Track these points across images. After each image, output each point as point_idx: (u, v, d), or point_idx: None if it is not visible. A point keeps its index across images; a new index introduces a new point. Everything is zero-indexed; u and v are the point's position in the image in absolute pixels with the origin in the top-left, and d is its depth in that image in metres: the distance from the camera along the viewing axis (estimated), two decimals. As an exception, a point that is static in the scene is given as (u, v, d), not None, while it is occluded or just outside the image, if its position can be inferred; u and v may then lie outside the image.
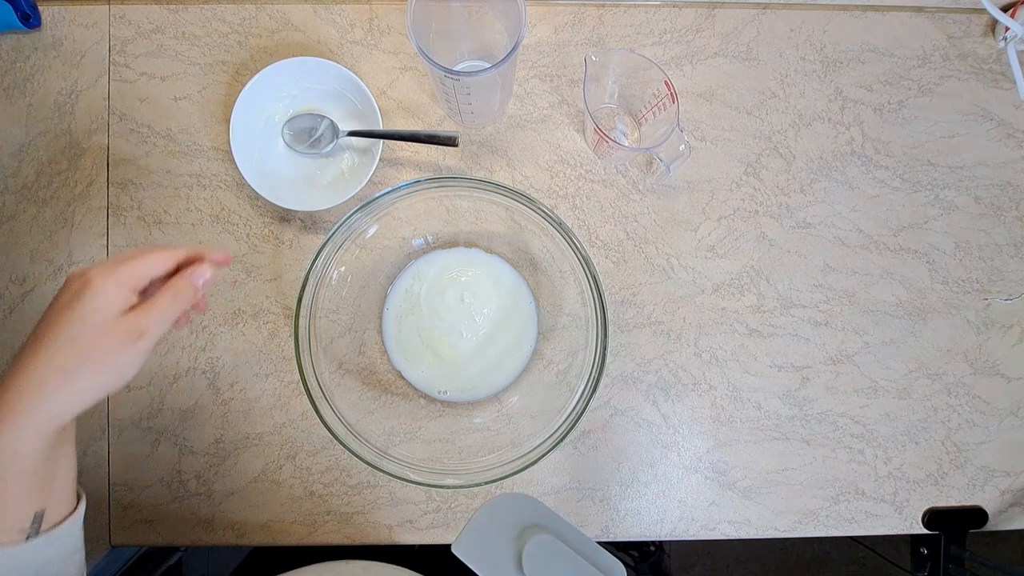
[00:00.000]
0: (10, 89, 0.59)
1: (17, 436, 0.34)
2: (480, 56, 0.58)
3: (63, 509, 0.38)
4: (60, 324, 0.35)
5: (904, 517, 0.60)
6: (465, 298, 0.58)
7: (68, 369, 0.35)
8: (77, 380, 0.35)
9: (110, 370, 0.36)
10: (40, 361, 0.35)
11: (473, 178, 0.50)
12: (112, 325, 0.35)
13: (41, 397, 0.34)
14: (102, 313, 0.35)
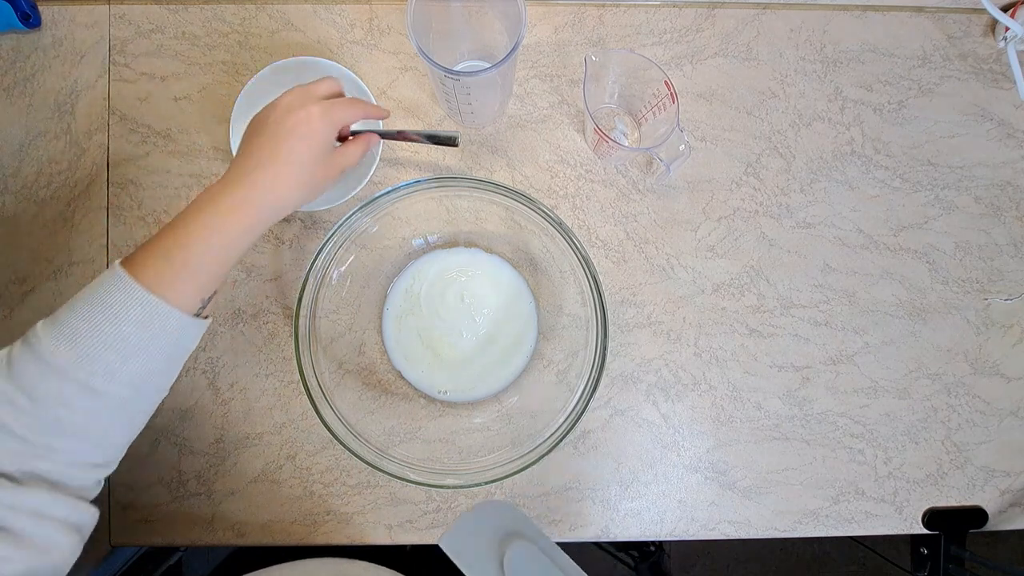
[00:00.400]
0: (10, 89, 0.59)
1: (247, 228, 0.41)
2: (480, 56, 0.58)
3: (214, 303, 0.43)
4: (292, 145, 0.42)
5: (904, 517, 0.60)
6: (465, 298, 0.58)
7: (301, 183, 0.42)
8: (300, 194, 0.43)
9: (314, 191, 0.44)
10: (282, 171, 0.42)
11: (473, 178, 0.50)
12: (327, 159, 0.44)
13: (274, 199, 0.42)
14: (322, 147, 0.43)
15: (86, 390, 0.36)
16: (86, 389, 0.36)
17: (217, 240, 0.39)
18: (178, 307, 0.38)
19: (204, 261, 0.39)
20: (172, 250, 0.38)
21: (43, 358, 0.35)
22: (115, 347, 0.36)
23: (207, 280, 0.40)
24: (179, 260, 0.38)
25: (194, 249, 0.39)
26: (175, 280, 0.38)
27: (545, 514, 0.58)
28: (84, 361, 0.35)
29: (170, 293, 0.38)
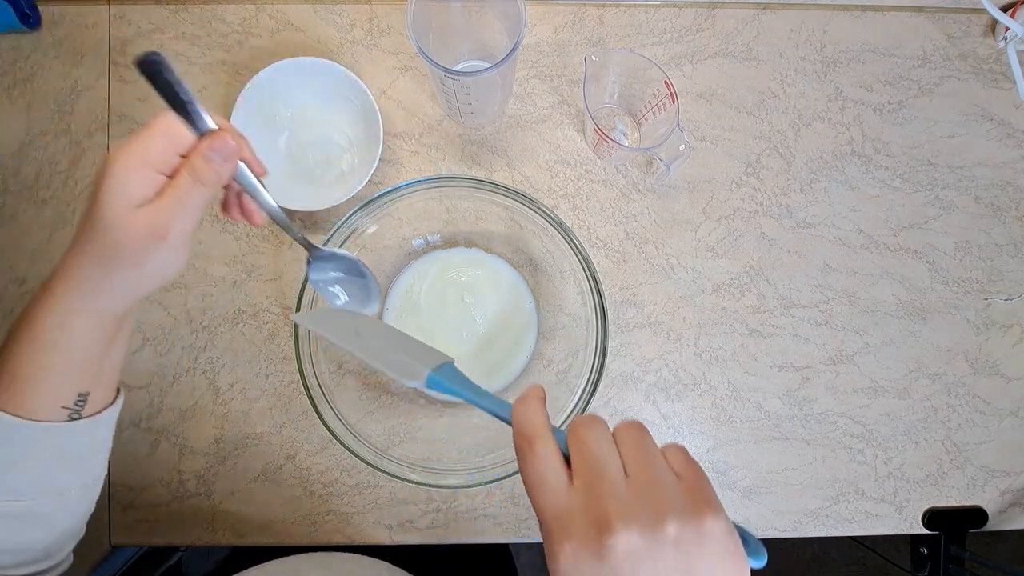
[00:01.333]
0: (10, 89, 0.59)
1: (63, 318, 0.33)
2: (480, 56, 0.58)
3: (105, 398, 0.38)
4: (89, 210, 0.32)
5: (904, 517, 0.60)
6: (465, 298, 0.58)
7: (102, 261, 0.32)
8: (113, 274, 0.33)
9: (142, 269, 0.33)
10: (78, 248, 0.33)
11: (473, 178, 0.50)
12: (131, 220, 0.31)
13: (82, 285, 0.33)
14: (119, 205, 0.31)
15: None
16: None
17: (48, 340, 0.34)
18: (42, 419, 0.34)
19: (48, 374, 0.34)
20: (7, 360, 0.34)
21: None
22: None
23: (61, 390, 0.35)
24: (11, 372, 0.34)
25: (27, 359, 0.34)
26: (26, 396, 0.34)
27: (545, 514, 0.58)
28: None
29: (26, 409, 0.34)
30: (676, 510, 0.25)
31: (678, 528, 0.25)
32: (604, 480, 0.26)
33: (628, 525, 0.24)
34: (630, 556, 0.24)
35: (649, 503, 0.25)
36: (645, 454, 0.27)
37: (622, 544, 0.24)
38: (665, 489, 0.26)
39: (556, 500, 0.26)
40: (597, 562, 0.24)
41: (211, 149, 0.32)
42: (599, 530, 0.24)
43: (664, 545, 0.24)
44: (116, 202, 0.31)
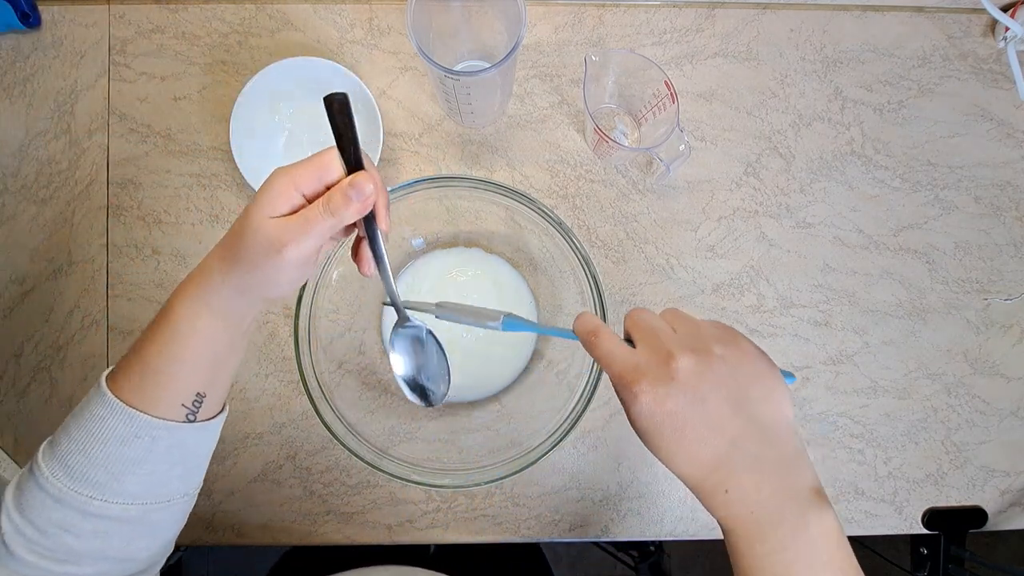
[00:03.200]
0: (10, 89, 0.59)
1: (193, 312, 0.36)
2: (480, 56, 0.58)
3: (215, 407, 0.39)
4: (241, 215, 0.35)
5: (904, 517, 0.60)
6: (465, 298, 0.58)
7: (229, 262, 0.35)
8: (233, 276, 0.35)
9: (260, 275, 0.35)
10: (217, 247, 0.36)
11: (473, 178, 0.50)
12: (262, 227, 0.33)
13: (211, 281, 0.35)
14: (260, 213, 0.34)
15: (86, 515, 0.35)
16: (86, 514, 0.34)
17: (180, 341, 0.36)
18: (163, 417, 0.36)
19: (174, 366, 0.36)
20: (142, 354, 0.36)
21: (42, 487, 0.34)
22: (105, 466, 0.35)
23: (184, 385, 0.36)
24: (144, 363, 0.36)
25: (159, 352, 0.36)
26: (152, 388, 0.36)
27: (545, 514, 0.58)
28: (78, 484, 0.34)
29: (150, 403, 0.35)
30: (718, 340, 0.33)
31: (722, 348, 0.33)
32: (660, 334, 0.34)
33: (685, 353, 0.32)
34: (691, 373, 0.32)
35: (696, 339, 0.33)
36: (686, 317, 0.35)
37: (684, 365, 0.32)
38: (707, 331, 0.34)
39: (626, 360, 0.33)
40: (668, 384, 0.31)
41: (351, 186, 0.34)
42: (665, 362, 0.32)
43: (714, 360, 0.32)
44: (259, 210, 0.34)
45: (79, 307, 0.58)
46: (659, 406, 0.31)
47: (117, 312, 0.58)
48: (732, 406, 0.32)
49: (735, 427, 0.32)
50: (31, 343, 0.58)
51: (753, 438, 0.32)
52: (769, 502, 0.31)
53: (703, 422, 0.31)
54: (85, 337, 0.58)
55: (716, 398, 0.32)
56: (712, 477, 0.32)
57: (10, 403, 0.57)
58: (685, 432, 0.31)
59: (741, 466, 0.31)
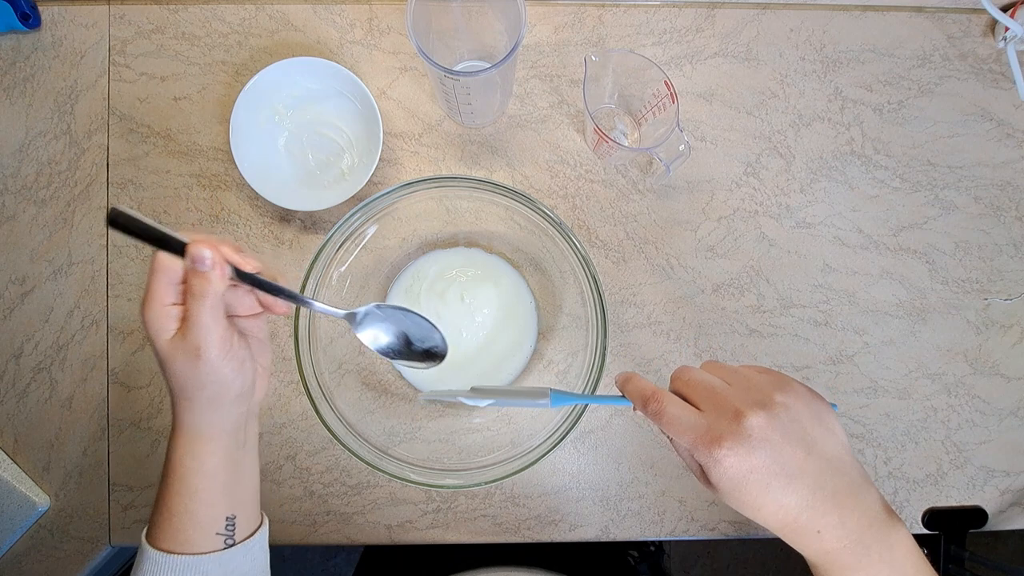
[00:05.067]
0: (10, 89, 0.59)
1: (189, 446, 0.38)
2: (480, 56, 0.58)
3: (252, 523, 0.42)
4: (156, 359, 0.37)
5: (904, 517, 0.60)
6: (465, 298, 0.58)
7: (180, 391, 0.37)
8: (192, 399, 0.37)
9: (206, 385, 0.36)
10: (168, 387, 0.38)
11: (473, 178, 0.50)
12: (170, 351, 0.36)
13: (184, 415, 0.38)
14: (162, 343, 0.36)
15: None
16: None
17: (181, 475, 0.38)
18: (204, 551, 0.38)
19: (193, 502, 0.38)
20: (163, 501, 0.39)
21: None
22: None
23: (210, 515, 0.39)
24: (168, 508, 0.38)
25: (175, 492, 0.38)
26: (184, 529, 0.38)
27: (545, 514, 0.58)
28: None
29: (187, 543, 0.38)
30: (773, 388, 0.35)
31: (781, 396, 0.34)
32: (718, 394, 0.35)
33: (753, 409, 0.33)
34: (764, 427, 0.33)
35: (754, 392, 0.35)
36: (731, 370, 0.37)
37: (756, 422, 0.33)
38: (760, 381, 0.36)
39: (698, 424, 0.34)
40: (747, 443, 0.33)
41: (192, 262, 0.35)
42: (737, 421, 0.33)
43: (779, 409, 0.34)
44: (157, 343, 0.36)
45: (79, 307, 0.58)
46: (742, 465, 0.33)
47: (117, 312, 0.58)
48: (804, 449, 0.33)
49: (812, 469, 0.33)
50: (31, 343, 0.58)
51: (828, 474, 0.33)
52: (855, 532, 0.33)
53: (784, 472, 0.33)
54: (85, 337, 0.58)
55: (790, 446, 0.33)
56: (801, 519, 0.33)
57: (10, 403, 0.57)
58: (771, 484, 0.33)
59: (825, 504, 0.33)
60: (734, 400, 0.34)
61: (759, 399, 0.34)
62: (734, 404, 0.34)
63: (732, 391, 0.35)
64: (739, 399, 0.34)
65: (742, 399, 0.34)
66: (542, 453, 0.49)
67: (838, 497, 0.33)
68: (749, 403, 0.34)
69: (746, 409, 0.33)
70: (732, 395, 0.35)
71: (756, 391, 0.35)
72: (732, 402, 0.34)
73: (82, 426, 0.57)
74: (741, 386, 0.35)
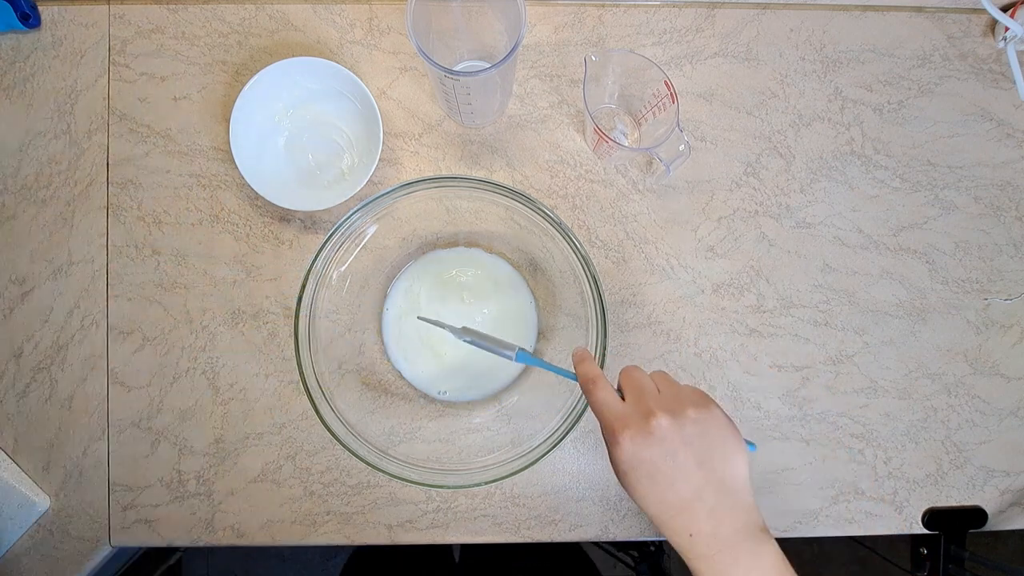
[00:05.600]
0: (10, 89, 0.59)
1: None
2: (480, 56, 0.58)
3: None
4: None
5: (904, 517, 0.60)
6: (465, 298, 0.58)
7: None
8: None
9: None
10: None
11: (473, 178, 0.50)
12: None
13: None
14: None
15: None
16: None
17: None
18: None
19: None
20: None
21: None
22: None
23: None
24: None
25: None
26: None
27: (545, 514, 0.58)
28: None
29: None
30: (692, 404, 0.39)
31: (695, 412, 0.38)
32: (646, 392, 0.39)
33: (664, 412, 0.38)
34: (667, 429, 0.37)
35: (674, 402, 0.39)
36: (671, 381, 0.41)
37: (661, 423, 0.37)
38: (686, 395, 0.40)
39: (615, 409, 0.39)
40: (647, 438, 0.37)
41: None
42: (646, 418, 0.38)
43: (687, 422, 0.38)
44: None
45: (79, 307, 0.58)
46: (637, 454, 0.37)
47: (117, 312, 0.58)
48: (697, 461, 0.37)
49: (698, 480, 0.37)
50: (31, 343, 0.58)
51: (713, 490, 0.37)
52: (727, 542, 0.36)
53: (672, 471, 0.37)
54: (85, 337, 0.58)
55: (685, 453, 0.37)
56: (678, 519, 0.37)
57: (10, 403, 0.57)
58: (656, 478, 0.37)
59: (702, 512, 0.37)
60: (653, 401, 0.39)
61: (674, 407, 0.38)
62: (652, 404, 0.38)
63: (658, 396, 0.39)
64: (658, 402, 0.39)
65: (660, 403, 0.39)
66: (542, 453, 0.49)
67: (717, 513, 0.36)
68: (664, 407, 0.38)
69: (659, 411, 0.38)
70: (655, 398, 0.39)
71: (676, 401, 0.39)
72: (651, 402, 0.39)
73: (82, 426, 0.57)
74: (668, 395, 0.40)
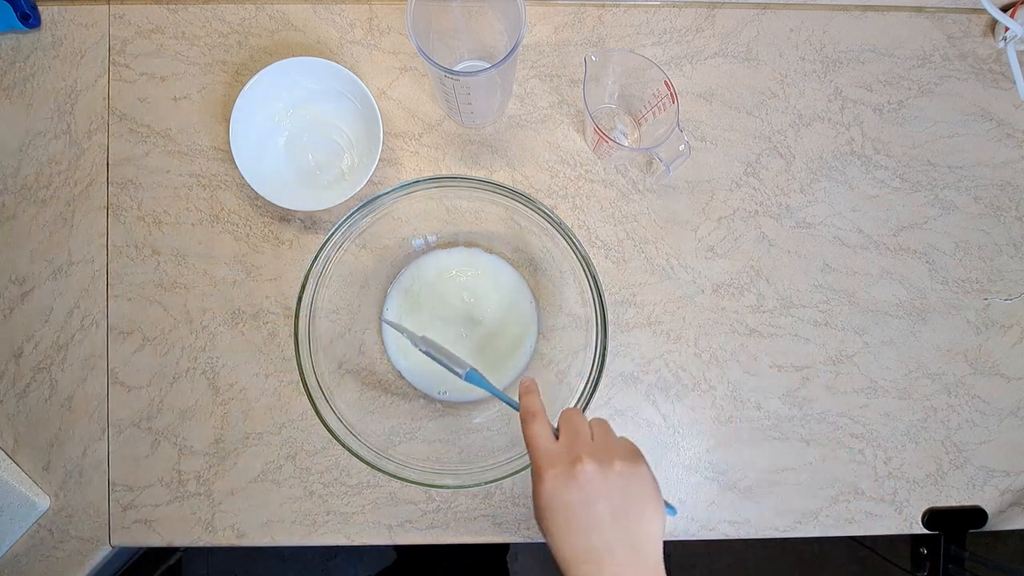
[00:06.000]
0: (10, 89, 0.59)
1: None
2: (480, 56, 0.58)
3: None
4: None
5: (904, 517, 0.60)
6: (465, 298, 0.58)
7: None
8: None
9: None
10: None
11: (473, 178, 0.50)
12: None
13: None
14: None
15: None
16: None
17: None
18: None
19: None
20: None
21: None
22: None
23: None
24: None
25: None
26: None
27: (545, 514, 0.58)
28: None
29: None
30: (620, 458, 0.40)
31: (622, 465, 0.39)
32: (580, 437, 0.41)
33: (591, 459, 0.39)
34: (588, 475, 0.38)
35: (606, 452, 0.40)
36: (607, 431, 0.42)
37: (587, 469, 0.38)
38: (617, 448, 0.41)
39: (547, 447, 0.40)
40: (570, 481, 0.38)
41: None
42: (573, 463, 0.39)
43: (612, 473, 0.39)
44: None
45: (79, 307, 0.58)
46: (557, 494, 0.38)
47: (117, 312, 0.58)
48: (613, 515, 0.38)
49: (612, 532, 0.37)
50: (31, 343, 0.58)
51: (624, 545, 0.37)
52: None
53: (587, 519, 0.38)
54: (85, 337, 0.58)
55: (603, 504, 0.38)
56: (584, 568, 0.37)
57: (10, 403, 0.57)
58: (571, 523, 0.38)
59: (609, 566, 0.37)
60: (585, 447, 0.39)
61: (604, 457, 0.39)
62: (582, 449, 0.39)
63: (590, 443, 0.40)
64: (589, 449, 0.39)
65: (591, 450, 0.39)
66: (542, 453, 0.49)
67: (623, 570, 0.37)
68: (593, 455, 0.39)
69: (587, 457, 0.39)
70: (587, 444, 0.40)
71: (607, 452, 0.40)
72: (582, 447, 0.39)
73: (82, 426, 0.57)
74: (600, 443, 0.40)
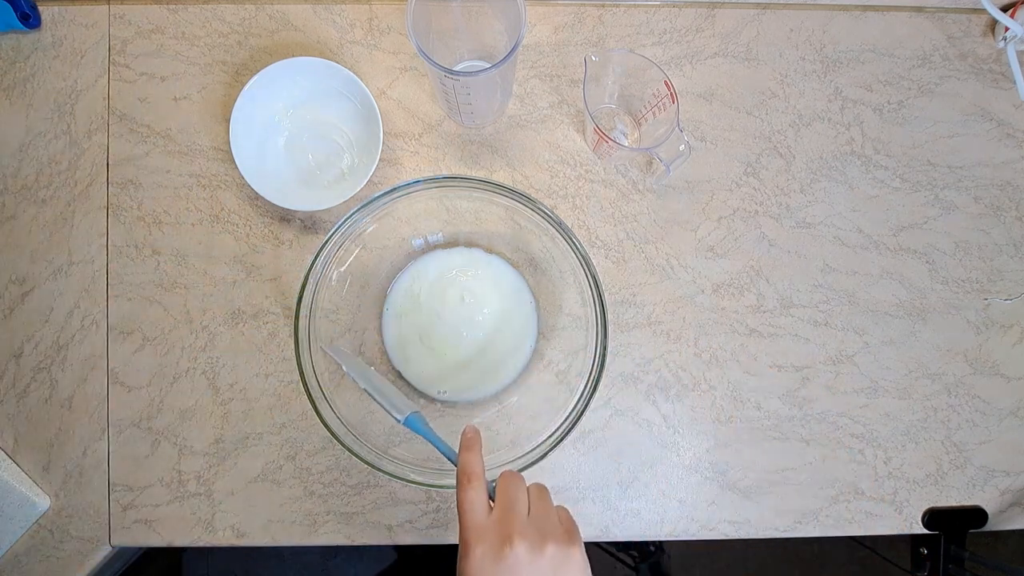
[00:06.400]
0: (10, 89, 0.59)
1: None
2: (480, 56, 0.58)
3: None
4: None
5: (904, 517, 0.60)
6: (465, 298, 0.58)
7: None
8: None
9: None
10: None
11: (473, 178, 0.50)
12: None
13: None
14: None
15: None
16: None
17: None
18: None
19: None
20: None
21: None
22: None
23: None
24: None
25: None
26: None
27: (545, 514, 0.58)
28: None
29: None
30: (556, 540, 0.37)
31: (554, 549, 0.37)
32: (514, 512, 0.38)
33: (522, 541, 0.36)
34: (519, 561, 0.36)
35: (540, 532, 0.37)
36: (545, 504, 0.40)
37: (517, 552, 0.36)
38: (553, 527, 0.38)
39: (478, 519, 0.38)
40: (497, 562, 0.36)
41: None
42: (503, 542, 0.36)
43: (543, 558, 0.36)
44: None
45: (79, 307, 0.58)
46: (482, 573, 0.36)
47: (117, 312, 0.58)
48: None
49: None
50: (31, 343, 0.58)
51: None
52: None
53: None
54: (85, 337, 0.58)
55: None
56: None
57: (10, 403, 0.57)
58: None
59: None
60: (518, 525, 0.37)
61: (536, 539, 0.37)
62: (514, 528, 0.37)
63: (524, 520, 0.38)
64: (521, 528, 0.37)
65: (523, 529, 0.37)
66: (542, 453, 0.49)
67: None
68: (526, 535, 0.37)
69: (518, 538, 0.36)
70: (520, 521, 0.37)
71: (540, 533, 0.37)
72: (515, 525, 0.37)
73: (82, 426, 0.57)
74: (535, 522, 0.38)
